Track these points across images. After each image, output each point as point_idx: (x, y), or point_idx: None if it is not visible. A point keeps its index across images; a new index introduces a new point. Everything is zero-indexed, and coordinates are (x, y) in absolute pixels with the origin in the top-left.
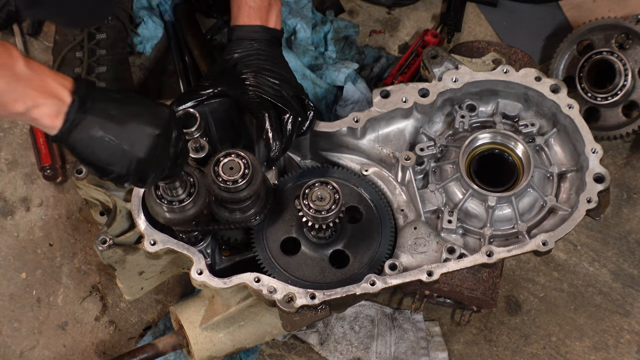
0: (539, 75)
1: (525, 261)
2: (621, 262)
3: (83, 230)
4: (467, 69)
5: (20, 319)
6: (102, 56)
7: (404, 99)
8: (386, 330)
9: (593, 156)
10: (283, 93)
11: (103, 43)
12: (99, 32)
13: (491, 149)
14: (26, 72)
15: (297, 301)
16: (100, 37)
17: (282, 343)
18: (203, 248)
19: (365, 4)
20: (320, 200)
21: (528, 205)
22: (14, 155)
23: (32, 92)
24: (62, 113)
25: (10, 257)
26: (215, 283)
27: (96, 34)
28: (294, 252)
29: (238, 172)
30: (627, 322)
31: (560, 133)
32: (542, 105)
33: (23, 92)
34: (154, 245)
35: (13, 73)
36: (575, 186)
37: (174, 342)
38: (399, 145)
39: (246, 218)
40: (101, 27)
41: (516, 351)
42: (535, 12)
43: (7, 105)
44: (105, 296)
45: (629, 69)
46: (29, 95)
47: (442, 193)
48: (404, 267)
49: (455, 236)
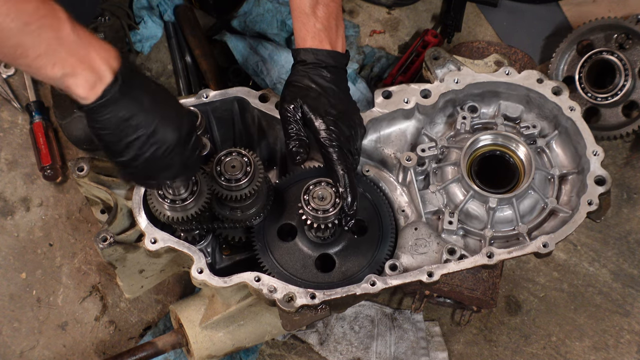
0: (541, 78)
1: (525, 261)
2: (621, 262)
3: (83, 230)
4: (469, 70)
5: (20, 319)
6: None
7: (405, 100)
8: (386, 330)
9: (594, 158)
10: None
11: None
12: (97, 32)
13: (492, 150)
14: (72, 37)
15: (297, 301)
16: (98, 36)
17: (282, 343)
18: (204, 247)
19: (365, 4)
20: (321, 199)
21: (529, 207)
22: (14, 155)
23: (73, 60)
24: (99, 89)
25: (10, 257)
26: (216, 282)
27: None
28: (288, 239)
29: (240, 170)
30: (627, 322)
31: (561, 135)
32: (544, 107)
33: (64, 58)
34: (155, 244)
35: (58, 36)
36: (576, 188)
37: (173, 340)
38: (401, 145)
39: (247, 217)
40: (99, 27)
41: (516, 351)
42: (535, 12)
43: (45, 68)
44: (105, 296)
45: (629, 69)
46: (68, 63)
47: (443, 194)
48: (405, 268)
49: (456, 237)
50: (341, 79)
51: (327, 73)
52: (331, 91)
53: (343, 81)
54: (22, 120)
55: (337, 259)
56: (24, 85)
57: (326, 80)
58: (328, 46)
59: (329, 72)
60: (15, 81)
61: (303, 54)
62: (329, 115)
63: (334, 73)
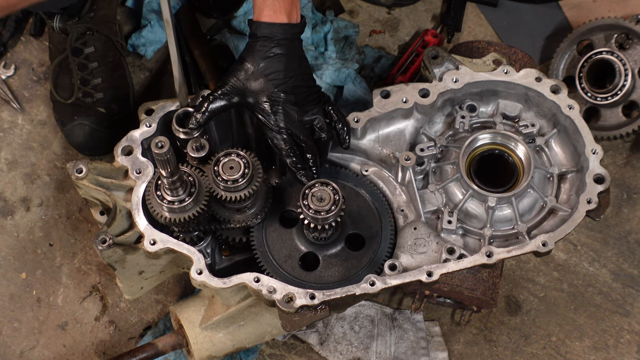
0: (539, 76)
1: (525, 261)
2: (621, 262)
3: (83, 230)
4: (467, 70)
5: (20, 319)
6: (95, 69)
7: (404, 99)
8: (386, 330)
9: (593, 157)
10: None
11: (92, 56)
12: (86, 47)
13: (491, 149)
14: None
15: (296, 301)
16: (88, 51)
17: (282, 343)
18: (203, 248)
19: (365, 4)
20: (320, 200)
21: (528, 205)
22: (14, 155)
23: None
24: None
25: (10, 257)
26: (215, 283)
27: (83, 49)
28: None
29: (238, 171)
30: (627, 322)
31: (560, 134)
32: (543, 105)
33: None
34: (154, 245)
35: None
36: (575, 187)
37: (173, 341)
38: (399, 145)
39: (246, 218)
40: (87, 41)
41: (516, 351)
42: (535, 12)
43: None
44: (105, 296)
45: (629, 69)
46: None
47: (442, 193)
48: (404, 268)
49: (455, 237)
50: (293, 49)
51: (277, 49)
52: (278, 66)
53: (295, 50)
54: (22, 120)
55: (322, 262)
56: (23, 86)
57: (275, 55)
58: (285, 18)
59: (280, 46)
60: (15, 81)
61: (255, 27)
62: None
63: (285, 46)
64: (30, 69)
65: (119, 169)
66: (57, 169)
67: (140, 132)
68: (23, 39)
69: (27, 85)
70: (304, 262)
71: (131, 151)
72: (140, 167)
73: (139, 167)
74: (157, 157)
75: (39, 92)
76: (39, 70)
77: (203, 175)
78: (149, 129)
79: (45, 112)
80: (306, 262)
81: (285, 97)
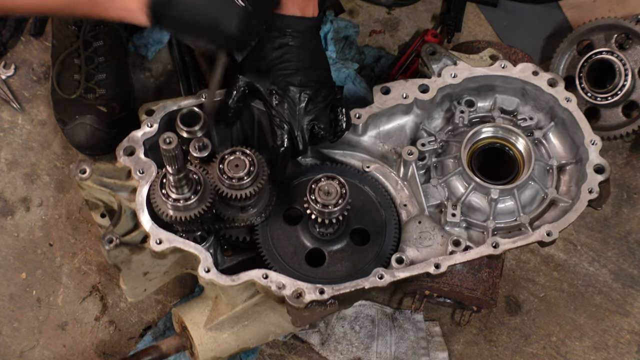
0: (536, 70)
1: (525, 261)
2: (621, 262)
3: (83, 230)
4: (465, 65)
5: (20, 319)
6: (101, 63)
7: (404, 95)
8: (386, 330)
9: (592, 147)
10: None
11: (100, 50)
12: (96, 40)
13: (492, 142)
14: None
15: (306, 296)
16: (97, 44)
17: (282, 343)
18: (205, 248)
19: (365, 4)
20: (327, 194)
21: (529, 197)
22: (14, 155)
23: None
24: None
25: (10, 257)
26: (223, 280)
27: (92, 42)
28: (292, 223)
29: (243, 169)
30: (627, 322)
31: (558, 126)
32: (540, 99)
33: None
34: (160, 244)
35: None
36: (574, 178)
37: (177, 343)
38: (400, 141)
39: (250, 216)
40: (97, 35)
41: (516, 351)
42: (535, 12)
43: None
44: (105, 296)
45: (629, 69)
46: None
47: (445, 187)
48: (411, 261)
49: (459, 230)
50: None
51: (288, 40)
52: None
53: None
54: (22, 120)
55: (328, 258)
56: (23, 86)
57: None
58: (297, 11)
59: (292, 38)
60: (15, 81)
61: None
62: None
63: (297, 38)
64: (30, 69)
65: (122, 169)
66: (57, 169)
67: (142, 132)
68: (23, 39)
69: (27, 85)
70: (310, 258)
71: (133, 151)
72: (143, 167)
73: (142, 167)
74: (164, 154)
75: (39, 92)
76: (39, 70)
77: (207, 174)
78: (151, 129)
79: (45, 112)
80: (312, 259)
81: (291, 89)
